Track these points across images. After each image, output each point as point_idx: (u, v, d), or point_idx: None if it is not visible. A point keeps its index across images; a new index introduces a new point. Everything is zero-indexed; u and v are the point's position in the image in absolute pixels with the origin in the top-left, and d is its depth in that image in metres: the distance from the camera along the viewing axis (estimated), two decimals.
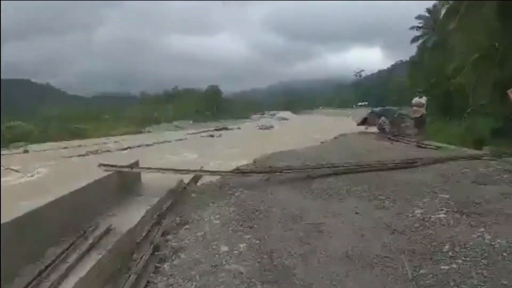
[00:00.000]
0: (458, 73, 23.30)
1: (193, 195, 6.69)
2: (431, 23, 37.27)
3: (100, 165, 6.00)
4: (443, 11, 36.21)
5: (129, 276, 3.57)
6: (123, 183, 6.11)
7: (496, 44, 18.73)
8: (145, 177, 7.25)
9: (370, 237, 3.85)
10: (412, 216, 4.38)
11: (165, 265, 3.76)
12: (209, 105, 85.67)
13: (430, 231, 3.86)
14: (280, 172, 6.66)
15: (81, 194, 4.79)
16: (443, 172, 6.29)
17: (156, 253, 4.21)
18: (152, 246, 4.34)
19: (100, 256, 3.75)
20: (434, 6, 37.34)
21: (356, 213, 4.66)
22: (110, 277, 3.70)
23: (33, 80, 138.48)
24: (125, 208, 5.44)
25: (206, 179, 7.92)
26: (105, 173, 5.88)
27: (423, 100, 11.82)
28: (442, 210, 4.46)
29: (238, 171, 6.60)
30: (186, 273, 3.40)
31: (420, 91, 13.68)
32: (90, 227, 4.41)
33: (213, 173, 6.77)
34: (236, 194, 6.08)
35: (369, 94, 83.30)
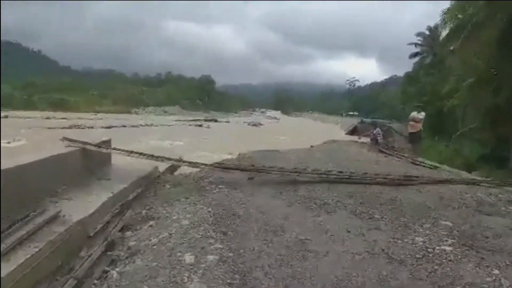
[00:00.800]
0: (453, 94, 22.98)
1: (167, 186, 5.99)
2: (430, 42, 37.13)
3: (64, 138, 5.22)
4: (443, 32, 36.27)
5: (67, 280, 2.84)
6: (88, 164, 5.36)
7: (493, 70, 18.43)
8: (117, 160, 6.52)
9: (365, 265, 3.20)
10: (413, 244, 3.75)
11: (115, 271, 3.04)
12: (200, 95, 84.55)
13: (435, 266, 3.23)
14: (265, 172, 5.98)
15: (31, 170, 4.03)
16: (442, 195, 5.70)
17: (108, 252, 3.49)
18: (105, 243, 3.62)
19: (36, 249, 3.02)
20: (435, 25, 37.20)
21: (348, 231, 4.01)
22: (43, 278, 2.97)
23: (24, 45, 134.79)
24: (85, 192, 4.70)
25: (184, 170, 7.23)
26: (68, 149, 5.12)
27: (421, 115, 11.27)
28: (446, 240, 3.84)
29: (220, 166, 5.91)
30: (137, 287, 2.69)
31: (419, 105, 13.14)
32: (34, 211, 3.65)
33: (192, 164, 6.04)
34: (215, 191, 5.39)
35: (360, 104, 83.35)
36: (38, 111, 49.75)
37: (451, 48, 26.03)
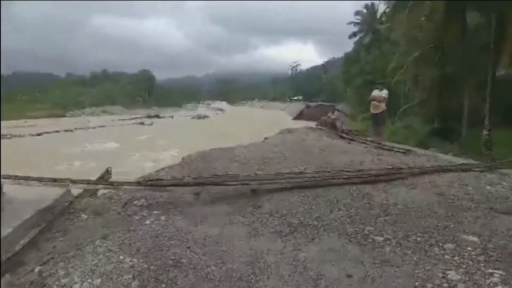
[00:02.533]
0: (397, 71, 22.64)
1: (84, 216, 4.31)
2: (369, 20, 37.09)
3: None
4: (381, 7, 36.37)
5: None
6: None
7: (437, 43, 18.13)
8: (13, 187, 4.71)
9: None
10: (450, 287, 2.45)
11: None
12: (140, 91, 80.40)
13: None
14: (215, 184, 4.47)
15: None
16: (439, 189, 4.53)
17: None
18: None
19: None
20: (372, 3, 37.29)
21: (348, 275, 2.63)
22: None
23: None
24: None
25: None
26: None
27: (384, 93, 10.21)
28: (491, 274, 2.58)
29: (154, 184, 4.29)
30: None
31: (381, 82, 12.11)
32: None
33: (114, 185, 4.38)
34: (147, 222, 3.81)
35: (303, 89, 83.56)
36: None
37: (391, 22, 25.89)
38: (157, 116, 51.88)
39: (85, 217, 4.30)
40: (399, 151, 7.52)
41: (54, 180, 4.01)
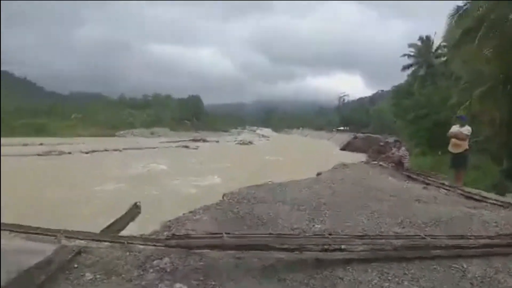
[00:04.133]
0: (458, 106, 20.66)
1: (88, 275, 3.18)
2: (424, 52, 35.20)
3: None
4: (437, 41, 34.45)
5: None
6: None
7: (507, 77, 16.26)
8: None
9: None
10: None
11: None
12: (188, 114, 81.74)
13: None
14: (262, 248, 3.18)
15: None
16: None
17: None
18: None
19: None
20: (428, 36, 35.47)
21: None
22: None
23: (10, 71, 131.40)
24: None
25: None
26: None
27: (467, 130, 8.50)
28: None
29: (181, 243, 3.06)
30: None
31: (460, 116, 10.40)
32: None
33: (123, 244, 3.15)
34: None
35: (350, 119, 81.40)
36: (19, 137, 46.49)
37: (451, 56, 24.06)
38: (203, 140, 51.83)
39: (90, 277, 3.16)
40: (495, 203, 5.89)
41: (44, 232, 2.89)
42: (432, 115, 26.91)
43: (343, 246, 3.28)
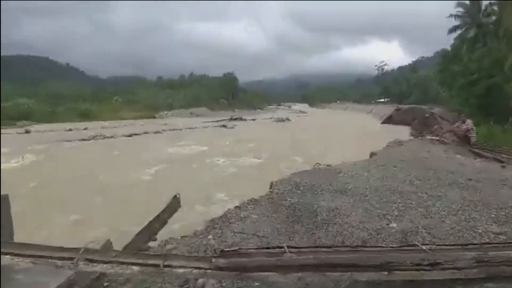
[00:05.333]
0: None
1: None
2: (473, 12, 32.21)
3: None
4: None
5: None
6: None
7: None
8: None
9: None
10: None
11: None
12: (225, 93, 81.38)
13: None
14: (335, 266, 2.43)
15: None
16: None
17: None
18: None
19: None
20: None
21: None
22: None
23: (51, 58, 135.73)
24: None
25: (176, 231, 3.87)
26: None
27: None
28: None
29: (230, 264, 2.37)
30: None
31: None
32: None
33: (157, 268, 2.48)
34: None
35: (390, 90, 77.87)
36: (62, 123, 47.94)
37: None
38: (240, 119, 51.30)
39: None
40: None
41: (58, 252, 2.27)
42: (484, 80, 24.83)
43: (443, 261, 2.48)
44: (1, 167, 18.24)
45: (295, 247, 2.55)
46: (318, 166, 8.03)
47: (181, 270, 2.29)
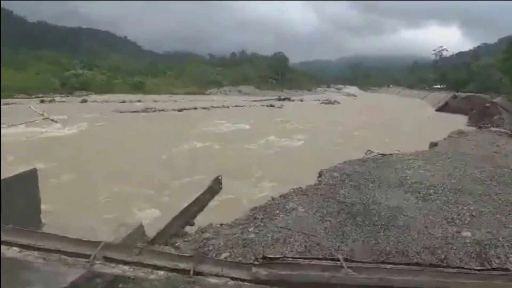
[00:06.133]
0: None
1: None
2: None
3: None
4: None
5: None
6: None
7: None
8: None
9: None
10: None
11: None
12: (274, 73, 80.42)
13: None
14: None
15: None
16: None
17: None
18: None
19: None
20: None
21: None
22: None
23: (111, 31, 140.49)
24: None
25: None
26: None
27: None
28: None
29: (270, 276, 1.92)
30: None
31: None
32: None
33: (193, 270, 2.07)
34: None
35: (448, 76, 73.07)
36: (118, 94, 49.61)
37: None
38: (288, 99, 50.46)
39: None
40: None
41: (76, 246, 1.91)
42: None
43: None
44: (58, 134, 19.17)
45: (354, 261, 2.05)
46: (370, 153, 7.38)
47: (213, 280, 1.88)
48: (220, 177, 5.05)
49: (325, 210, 3.58)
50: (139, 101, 42.05)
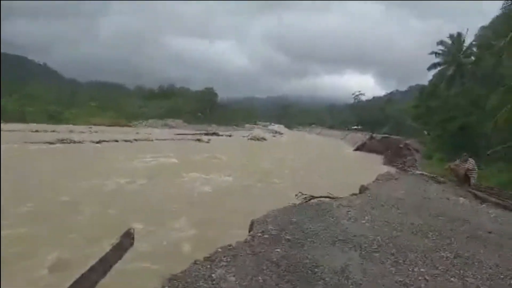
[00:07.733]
0: (500, 109, 18.39)
1: None
2: (453, 51, 32.55)
3: None
4: (468, 39, 31.85)
5: None
6: None
7: None
8: None
9: None
10: None
11: None
12: (203, 107, 79.88)
13: None
14: None
15: None
16: None
17: None
18: None
19: None
20: (459, 33, 32.83)
21: None
22: None
23: (30, 57, 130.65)
24: None
25: None
26: None
27: None
28: None
29: None
30: None
31: None
32: None
33: None
34: None
35: (364, 118, 78.47)
36: (30, 123, 45.18)
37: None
38: (216, 134, 49.97)
39: None
40: None
41: None
42: (460, 118, 24.64)
43: None
44: None
45: None
46: (302, 195, 6.93)
47: None
48: (132, 230, 4.13)
49: (261, 278, 2.85)
50: (53, 131, 38.57)
